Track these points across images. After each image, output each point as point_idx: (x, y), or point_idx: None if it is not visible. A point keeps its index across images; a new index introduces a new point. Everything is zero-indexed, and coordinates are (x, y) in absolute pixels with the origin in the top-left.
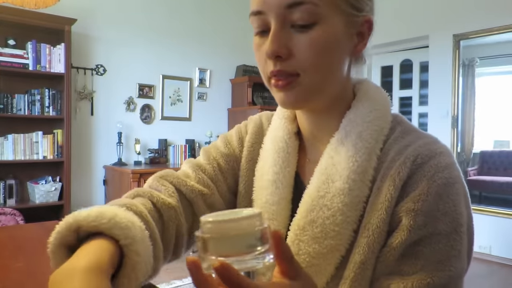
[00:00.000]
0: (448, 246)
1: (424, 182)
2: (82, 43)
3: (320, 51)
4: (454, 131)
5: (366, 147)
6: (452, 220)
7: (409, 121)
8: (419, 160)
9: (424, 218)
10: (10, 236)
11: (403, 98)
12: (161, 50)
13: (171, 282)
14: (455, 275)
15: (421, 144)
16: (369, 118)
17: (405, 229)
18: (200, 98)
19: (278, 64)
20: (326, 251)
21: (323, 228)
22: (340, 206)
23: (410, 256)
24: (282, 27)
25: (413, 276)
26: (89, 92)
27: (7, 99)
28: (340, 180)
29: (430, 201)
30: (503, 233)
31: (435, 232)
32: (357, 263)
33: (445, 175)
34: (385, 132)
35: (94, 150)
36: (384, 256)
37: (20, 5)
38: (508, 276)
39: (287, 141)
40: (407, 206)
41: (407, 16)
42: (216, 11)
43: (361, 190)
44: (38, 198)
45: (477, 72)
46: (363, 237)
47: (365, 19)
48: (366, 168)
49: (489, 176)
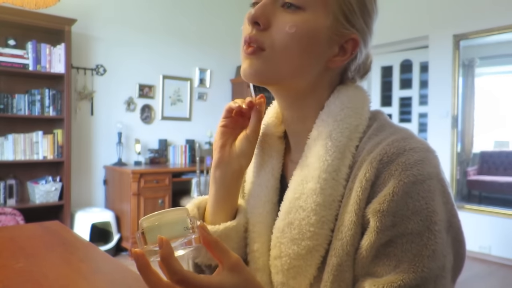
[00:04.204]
0: (421, 246)
1: (391, 182)
2: (82, 43)
3: (295, 35)
4: (454, 131)
5: (337, 145)
6: (424, 219)
7: (388, 117)
8: (386, 159)
9: (392, 218)
10: (10, 236)
11: (403, 98)
12: (161, 50)
13: None
14: (429, 276)
15: (389, 142)
16: (340, 116)
17: (372, 231)
18: (200, 98)
19: (255, 30)
20: (305, 252)
21: (300, 229)
22: (313, 206)
23: (382, 257)
24: (273, 1)
25: (385, 277)
26: (89, 92)
27: (7, 99)
28: (312, 180)
29: (397, 201)
30: (503, 233)
31: (406, 232)
32: (334, 265)
33: (413, 173)
34: (360, 130)
35: (94, 150)
36: (358, 259)
37: (20, 5)
38: (508, 276)
39: (270, 144)
40: (373, 208)
41: (407, 16)
42: (216, 11)
43: (334, 189)
44: (38, 198)
45: (477, 72)
46: (337, 239)
47: (352, 36)
48: (338, 167)
49: (489, 176)
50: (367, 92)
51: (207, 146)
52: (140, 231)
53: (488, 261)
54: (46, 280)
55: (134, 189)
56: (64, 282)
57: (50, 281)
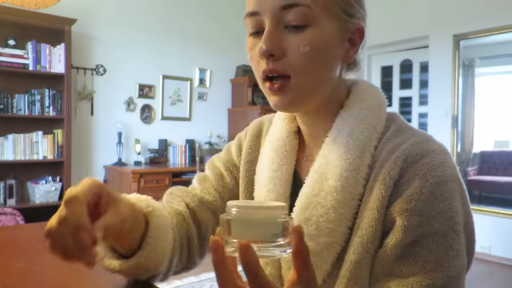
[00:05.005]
0: (446, 246)
1: (416, 182)
2: (82, 43)
3: (312, 52)
4: (454, 131)
5: (357, 144)
6: (448, 219)
7: (405, 120)
8: (410, 159)
9: (418, 217)
10: (10, 236)
11: (403, 98)
12: (161, 50)
13: (171, 282)
14: (454, 275)
15: (413, 143)
16: (360, 116)
17: (399, 229)
18: (200, 98)
19: (271, 63)
20: (321, 249)
21: (317, 225)
22: (333, 204)
23: (408, 257)
24: (276, 27)
25: (412, 277)
26: (89, 92)
27: (7, 99)
28: (332, 178)
29: (423, 201)
30: (503, 233)
31: (432, 232)
32: (352, 263)
33: (437, 174)
34: (378, 130)
35: (94, 150)
36: (381, 257)
37: (20, 5)
38: (508, 276)
39: (285, 139)
40: (400, 207)
41: (407, 16)
42: (216, 11)
43: (354, 188)
44: (38, 198)
45: (477, 72)
46: (357, 236)
47: (357, 26)
48: (358, 166)
49: (489, 176)
50: (383, 93)
51: (207, 146)
52: (226, 216)
53: (488, 261)
54: (46, 280)
55: (134, 189)
56: (64, 282)
57: (50, 281)
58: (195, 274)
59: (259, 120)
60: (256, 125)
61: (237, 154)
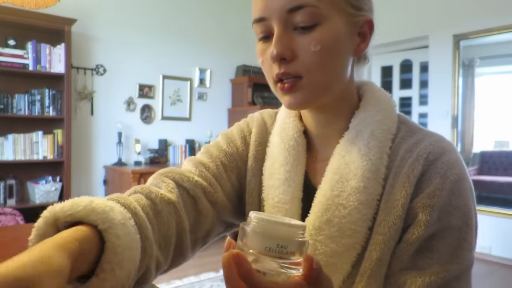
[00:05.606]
0: (461, 239)
1: (438, 179)
2: (82, 43)
3: (323, 51)
4: (454, 131)
5: (378, 146)
6: (463, 214)
7: (412, 120)
8: (431, 157)
9: (438, 213)
10: (11, 236)
11: (403, 98)
12: (161, 50)
13: (171, 282)
14: (466, 267)
15: (431, 142)
16: (378, 117)
17: (422, 224)
18: (200, 98)
19: (283, 66)
20: (343, 250)
21: (339, 227)
22: (356, 204)
23: (425, 250)
24: (285, 30)
25: (429, 270)
26: (89, 92)
27: (7, 99)
28: (354, 178)
29: (444, 197)
30: (503, 233)
31: (449, 227)
32: (374, 260)
33: (456, 171)
34: (392, 131)
35: (94, 150)
36: (400, 252)
37: (20, 5)
38: (508, 276)
39: (297, 139)
40: (423, 202)
41: (407, 16)
42: (216, 11)
43: (374, 188)
44: (38, 198)
45: (477, 72)
46: (379, 234)
47: (366, 19)
48: (378, 167)
49: (489, 176)
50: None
51: None
52: (246, 225)
53: (488, 261)
54: None
55: None
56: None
57: None
58: (195, 274)
59: (259, 116)
60: (259, 122)
61: (242, 147)
